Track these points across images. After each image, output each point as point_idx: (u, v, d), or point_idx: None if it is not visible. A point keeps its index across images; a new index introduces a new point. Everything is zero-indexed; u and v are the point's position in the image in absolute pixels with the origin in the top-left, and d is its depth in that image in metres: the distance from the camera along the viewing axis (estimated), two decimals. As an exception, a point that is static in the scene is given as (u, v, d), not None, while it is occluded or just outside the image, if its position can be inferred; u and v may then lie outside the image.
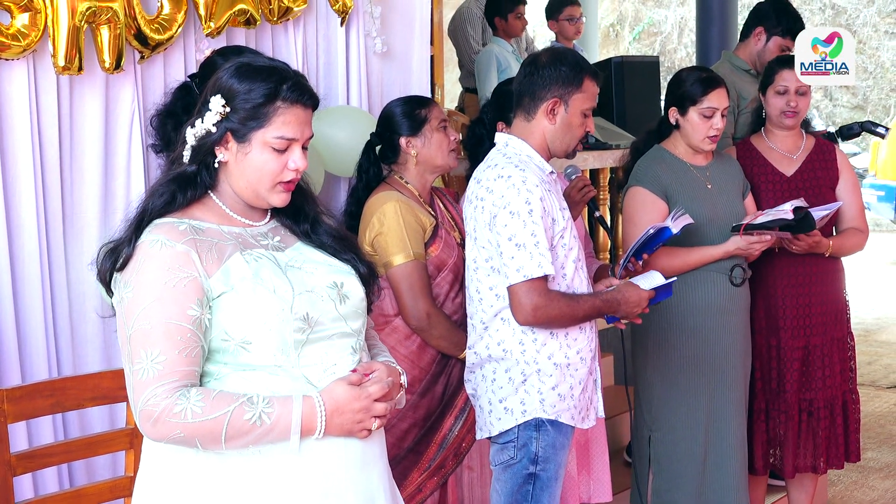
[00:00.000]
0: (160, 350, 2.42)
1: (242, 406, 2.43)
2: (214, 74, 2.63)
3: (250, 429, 2.43)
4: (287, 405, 2.46)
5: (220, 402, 2.43)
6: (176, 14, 4.07)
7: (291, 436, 2.47)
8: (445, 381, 4.12)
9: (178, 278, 2.46)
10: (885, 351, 9.60)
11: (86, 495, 3.12)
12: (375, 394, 2.57)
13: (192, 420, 2.41)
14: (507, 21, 8.18)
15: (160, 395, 2.41)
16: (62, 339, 3.86)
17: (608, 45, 22.28)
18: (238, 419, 2.42)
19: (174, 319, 2.44)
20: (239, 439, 2.44)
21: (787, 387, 4.82)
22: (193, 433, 2.42)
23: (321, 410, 2.49)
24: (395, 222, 4.01)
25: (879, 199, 15.02)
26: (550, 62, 3.70)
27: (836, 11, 21.43)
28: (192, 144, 2.59)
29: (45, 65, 3.76)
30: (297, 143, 2.60)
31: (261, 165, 2.58)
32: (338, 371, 2.58)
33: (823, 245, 4.73)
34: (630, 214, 4.55)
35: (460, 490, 4.24)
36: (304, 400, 2.48)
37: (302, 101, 2.58)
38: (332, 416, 2.50)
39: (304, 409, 2.48)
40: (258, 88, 2.54)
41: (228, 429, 2.42)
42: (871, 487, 6.20)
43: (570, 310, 3.57)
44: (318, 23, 4.72)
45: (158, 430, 2.43)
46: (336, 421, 2.51)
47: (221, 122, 2.56)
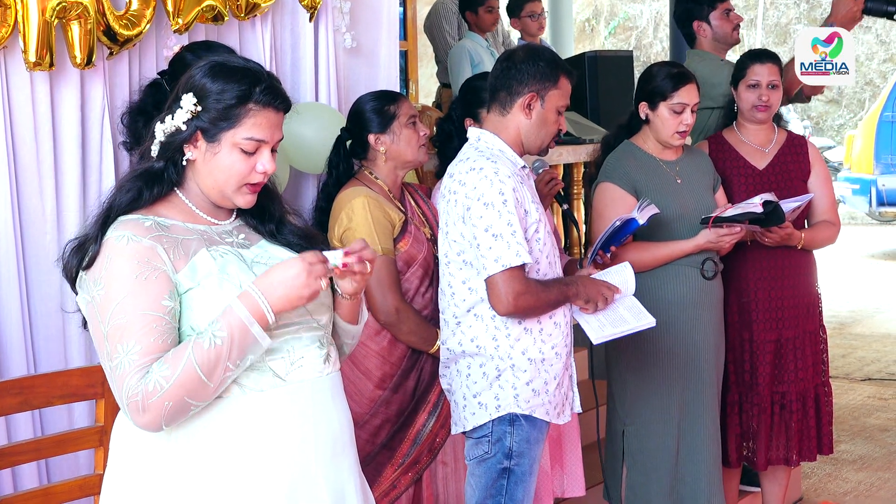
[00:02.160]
0: (135, 340, 2.41)
1: (197, 342, 2.41)
2: (188, 71, 2.63)
3: (216, 353, 2.40)
4: (228, 311, 2.43)
5: (178, 354, 2.41)
6: (144, 10, 4.05)
7: (252, 330, 2.42)
8: (417, 376, 4.11)
9: (148, 271, 2.45)
10: (859, 344, 9.65)
11: (54, 493, 3.11)
12: (308, 257, 2.50)
13: (168, 385, 2.39)
14: (478, 15, 8.17)
15: (134, 383, 2.40)
16: (38, 337, 3.85)
17: (584, 39, 22.33)
18: (200, 354, 2.40)
19: (149, 310, 2.44)
20: (217, 370, 2.41)
21: (760, 380, 4.84)
22: (178, 394, 2.39)
23: (258, 293, 2.45)
24: (363, 218, 4.00)
25: (854, 192, 15.10)
26: (528, 58, 3.72)
27: (811, 5, 21.53)
28: (160, 140, 2.58)
29: (16, 61, 3.74)
30: (267, 145, 2.59)
31: (229, 166, 2.57)
32: (305, 364, 2.58)
33: (795, 237, 4.75)
34: (599, 210, 4.55)
35: (435, 485, 4.24)
36: (240, 297, 2.45)
37: (274, 104, 2.58)
38: (269, 292, 2.45)
39: (245, 302, 2.44)
40: (231, 89, 2.54)
41: (200, 367, 2.39)
42: (845, 479, 6.23)
43: (546, 296, 3.59)
44: (286, 18, 4.70)
45: (149, 413, 2.41)
46: (278, 293, 2.45)
47: (192, 120, 2.55)
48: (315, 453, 2.58)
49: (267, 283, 2.47)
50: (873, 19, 19.16)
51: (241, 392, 2.52)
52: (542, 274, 3.66)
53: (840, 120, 21.73)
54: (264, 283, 2.47)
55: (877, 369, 8.73)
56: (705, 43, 5.70)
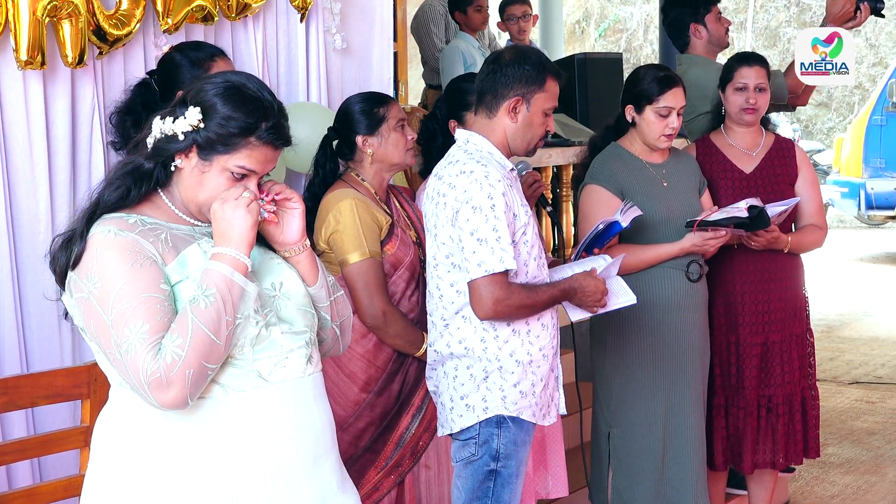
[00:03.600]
0: (142, 320, 2.42)
1: (194, 306, 2.42)
2: (202, 81, 2.62)
3: (215, 310, 2.42)
4: (208, 272, 2.46)
5: (182, 322, 2.42)
6: (134, 10, 4.06)
7: (235, 279, 2.46)
8: (402, 379, 4.11)
9: (140, 259, 2.46)
10: (847, 347, 9.66)
11: (39, 493, 3.11)
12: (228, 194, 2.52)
13: (184, 353, 2.39)
14: (467, 14, 8.16)
15: (150, 361, 2.40)
16: (31, 336, 3.87)
17: (574, 41, 22.34)
18: (202, 315, 2.41)
19: (150, 292, 2.44)
20: (221, 327, 2.43)
21: (746, 383, 4.85)
22: (196, 359, 2.40)
23: (222, 248, 2.48)
24: (351, 220, 4.00)
25: (843, 195, 15.09)
26: (514, 61, 3.71)
27: (801, 8, 21.56)
28: (156, 136, 2.58)
29: (7, 60, 3.74)
30: (257, 175, 2.59)
31: (214, 188, 2.57)
32: (288, 365, 2.59)
33: (782, 241, 4.76)
34: (585, 212, 4.56)
35: (417, 489, 4.23)
36: (211, 258, 2.48)
37: (275, 143, 2.58)
38: (227, 242, 2.48)
39: (218, 259, 2.47)
40: (238, 119, 2.53)
41: (206, 327, 2.41)
42: (832, 483, 6.23)
43: (530, 301, 3.58)
44: (277, 19, 4.71)
45: (177, 388, 2.40)
46: (233, 237, 2.48)
47: (191, 133, 2.54)
48: (297, 454, 2.58)
49: (220, 238, 2.50)
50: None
51: (223, 392, 2.52)
52: (530, 275, 3.66)
53: (829, 123, 21.77)
54: (218, 240, 2.50)
55: (864, 372, 8.74)
56: (700, 46, 5.68)
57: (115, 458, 2.55)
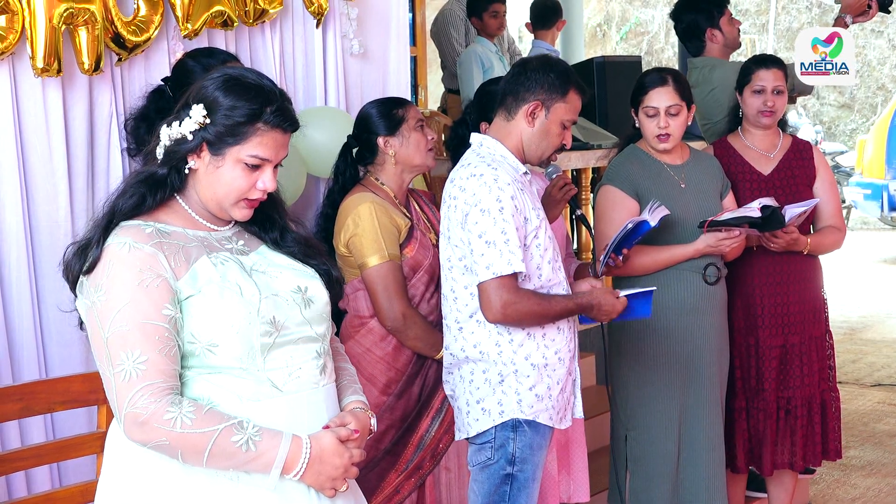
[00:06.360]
0: (140, 350, 2.42)
1: (232, 428, 2.43)
2: (201, 80, 2.63)
3: (235, 452, 2.43)
4: (275, 439, 2.46)
5: (211, 419, 2.43)
6: (153, 16, 4.07)
7: (272, 470, 2.46)
8: (422, 381, 4.11)
9: (150, 279, 2.46)
10: (869, 349, 9.60)
11: (55, 499, 3.12)
12: (356, 458, 2.58)
13: (181, 430, 2.40)
14: (483, 20, 8.20)
15: (147, 398, 2.41)
16: (50, 342, 3.88)
17: (595, 44, 22.30)
18: (225, 439, 2.42)
19: (151, 319, 2.44)
20: (221, 460, 2.44)
21: (766, 385, 4.83)
22: (178, 443, 2.41)
23: (306, 453, 2.50)
24: (369, 223, 4.01)
25: (866, 197, 15.03)
26: (540, 67, 3.73)
27: (823, 10, 21.46)
28: (166, 144, 2.58)
29: (24, 67, 3.76)
30: (270, 164, 2.60)
31: (230, 181, 2.58)
32: (302, 375, 2.59)
33: (801, 242, 4.74)
34: (601, 213, 4.56)
35: (438, 491, 4.24)
36: (293, 439, 2.48)
37: (283, 126, 2.58)
38: (313, 462, 2.50)
39: (292, 447, 2.48)
40: (242, 107, 2.54)
41: (213, 447, 2.41)
42: (853, 485, 6.20)
43: (541, 309, 3.58)
44: (294, 24, 4.72)
45: (146, 433, 2.42)
46: (315, 468, 2.51)
47: (199, 131, 2.55)
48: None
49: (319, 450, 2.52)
50: (885, 21, 19.12)
51: (238, 401, 2.52)
52: (545, 278, 3.65)
53: (852, 125, 21.66)
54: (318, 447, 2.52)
55: (887, 374, 8.69)
56: (716, 49, 5.68)
57: (127, 463, 2.56)
